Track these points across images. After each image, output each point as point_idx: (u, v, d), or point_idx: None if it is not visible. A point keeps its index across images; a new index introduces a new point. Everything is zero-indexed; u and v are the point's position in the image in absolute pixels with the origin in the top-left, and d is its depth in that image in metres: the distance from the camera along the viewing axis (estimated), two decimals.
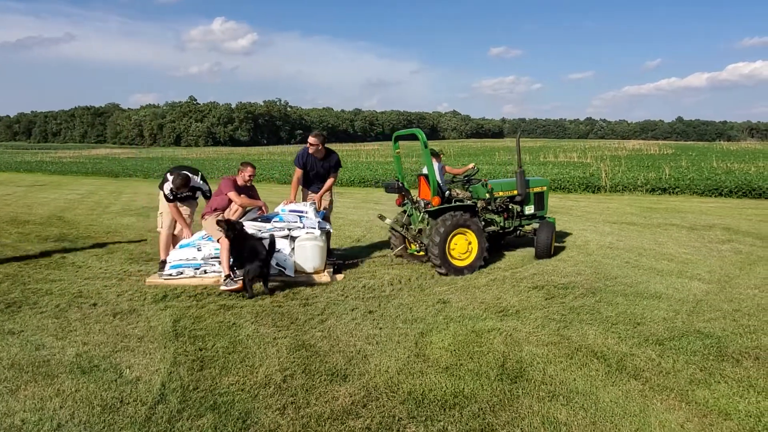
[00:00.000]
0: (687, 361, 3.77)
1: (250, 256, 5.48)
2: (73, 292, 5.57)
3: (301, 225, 6.31)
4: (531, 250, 7.48)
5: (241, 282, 5.60)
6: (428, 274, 6.32)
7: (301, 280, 6.06)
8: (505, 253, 7.38)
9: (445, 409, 3.16)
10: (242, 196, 6.24)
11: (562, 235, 8.61)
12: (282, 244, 6.19)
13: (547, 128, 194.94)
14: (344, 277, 6.25)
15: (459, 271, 6.29)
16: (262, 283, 5.60)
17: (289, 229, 6.28)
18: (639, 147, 49.77)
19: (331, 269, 6.44)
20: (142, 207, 13.65)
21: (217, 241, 5.91)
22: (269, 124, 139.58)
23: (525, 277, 6.09)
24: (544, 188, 7.88)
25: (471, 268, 6.36)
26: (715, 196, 14.81)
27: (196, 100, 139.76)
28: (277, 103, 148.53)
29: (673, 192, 15.68)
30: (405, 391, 3.38)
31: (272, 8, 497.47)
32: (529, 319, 4.69)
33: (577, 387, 3.41)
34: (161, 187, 6.44)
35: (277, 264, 6.09)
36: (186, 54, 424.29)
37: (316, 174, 6.95)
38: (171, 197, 6.35)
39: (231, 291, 5.59)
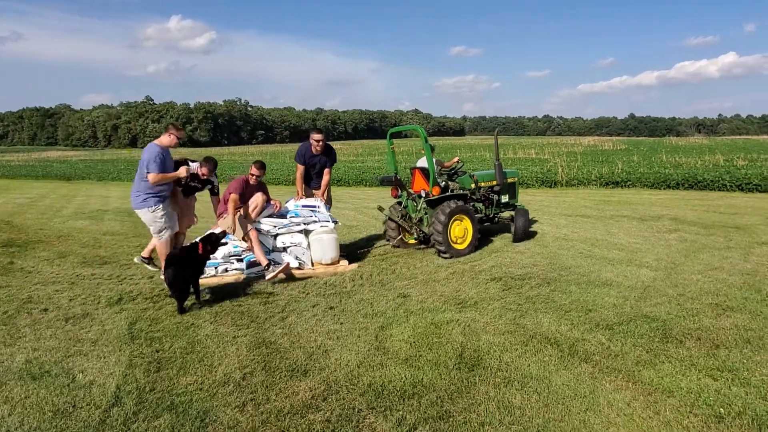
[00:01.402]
0: (634, 343, 3.95)
1: (169, 261, 5.05)
2: (23, 298, 5.36)
3: (316, 219, 6.60)
4: (495, 242, 7.67)
5: (283, 266, 5.92)
6: (389, 270, 6.38)
7: (319, 272, 6.29)
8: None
9: (404, 399, 3.21)
10: (231, 197, 6.05)
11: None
12: (299, 239, 6.42)
13: (507, 126, 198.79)
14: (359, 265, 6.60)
15: (459, 253, 6.92)
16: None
17: (305, 224, 6.52)
18: (594, 143, 51.37)
19: (346, 260, 6.70)
20: (96, 210, 13.23)
21: (242, 239, 6.04)
22: (230, 124, 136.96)
23: (483, 270, 6.23)
24: (515, 179, 8.62)
25: (467, 251, 7.02)
26: (664, 189, 15.48)
27: (152, 99, 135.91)
28: (238, 103, 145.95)
29: (625, 185, 16.29)
30: (365, 384, 3.42)
31: (229, 7, 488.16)
32: (487, 309, 4.80)
33: (531, 372, 3.52)
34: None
35: (297, 258, 6.34)
36: (141, 53, 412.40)
37: (314, 169, 7.18)
38: (182, 182, 6.25)
39: (276, 276, 5.83)
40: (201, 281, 5.47)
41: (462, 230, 7.02)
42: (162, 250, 6.01)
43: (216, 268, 6.09)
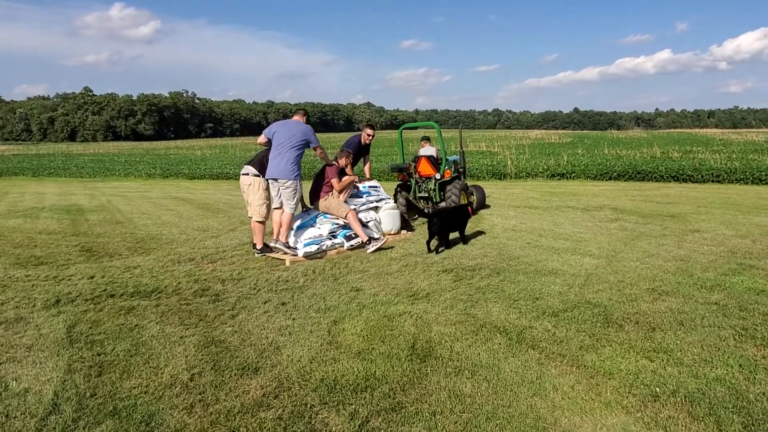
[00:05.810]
0: (578, 329, 4.11)
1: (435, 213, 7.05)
2: None
3: (382, 197, 7.90)
4: None
5: (383, 240, 7.02)
6: (342, 264, 6.36)
7: (390, 240, 7.33)
8: (418, 235, 7.60)
9: (356, 393, 3.21)
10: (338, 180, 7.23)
11: (471, 220, 9.02)
12: (373, 215, 7.51)
13: (458, 119, 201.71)
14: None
15: None
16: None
17: (377, 201, 7.73)
18: (541, 136, 53.06)
19: (405, 229, 8.12)
20: (30, 207, 12.49)
21: (344, 216, 7.01)
22: (176, 117, 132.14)
23: (435, 262, 6.31)
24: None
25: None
26: (606, 180, 16.17)
27: (91, 91, 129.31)
28: (184, 95, 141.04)
29: (570, 177, 16.90)
30: (317, 379, 3.39)
31: None
32: (439, 300, 4.87)
33: (481, 361, 3.60)
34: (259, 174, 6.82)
35: (376, 230, 7.29)
36: (80, 42, 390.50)
37: (357, 159, 8.40)
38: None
39: (379, 249, 6.79)
40: (301, 259, 6.49)
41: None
42: (289, 221, 6.68)
43: (319, 245, 6.69)
